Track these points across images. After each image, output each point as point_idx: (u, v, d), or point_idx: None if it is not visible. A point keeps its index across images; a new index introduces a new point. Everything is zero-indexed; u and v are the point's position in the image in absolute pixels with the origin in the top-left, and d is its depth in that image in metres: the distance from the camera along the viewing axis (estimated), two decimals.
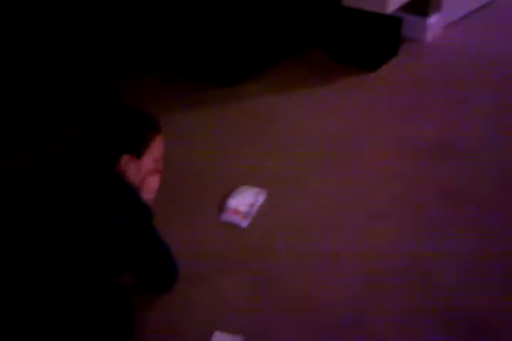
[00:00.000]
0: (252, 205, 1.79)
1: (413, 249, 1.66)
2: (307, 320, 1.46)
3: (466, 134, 2.11)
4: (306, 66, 2.55)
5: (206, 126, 2.20)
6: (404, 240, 1.69)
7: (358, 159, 2.01)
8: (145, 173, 1.44)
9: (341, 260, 1.63)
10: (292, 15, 2.51)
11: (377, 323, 1.45)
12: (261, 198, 1.83)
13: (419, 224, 1.74)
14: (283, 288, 1.55)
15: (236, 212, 1.77)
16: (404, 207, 1.81)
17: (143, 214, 1.39)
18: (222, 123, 2.22)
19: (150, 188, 1.46)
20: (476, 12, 2.93)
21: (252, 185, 1.88)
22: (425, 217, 1.76)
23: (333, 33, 2.58)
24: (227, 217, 1.77)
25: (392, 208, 1.80)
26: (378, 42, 2.51)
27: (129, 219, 1.33)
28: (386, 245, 1.67)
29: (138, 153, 1.42)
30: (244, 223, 1.75)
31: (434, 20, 2.69)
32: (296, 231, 1.73)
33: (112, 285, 1.37)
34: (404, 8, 2.56)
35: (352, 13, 2.49)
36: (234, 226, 1.75)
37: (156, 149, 1.48)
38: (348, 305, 1.50)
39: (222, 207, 1.81)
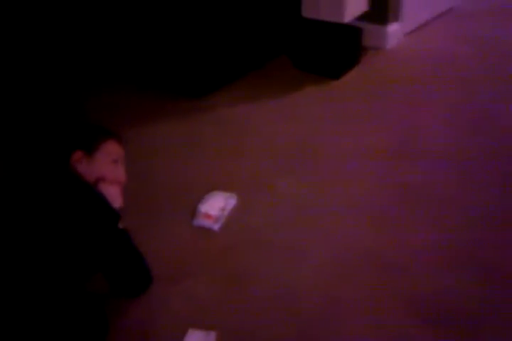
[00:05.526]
0: (223, 209, 1.85)
1: (377, 243, 1.71)
2: (279, 314, 1.50)
3: (426, 137, 2.18)
4: (272, 76, 2.64)
5: (175, 136, 2.27)
6: (368, 235, 1.74)
7: (323, 162, 2.08)
8: (98, 172, 1.51)
9: (311, 256, 1.68)
10: (257, 26, 2.60)
11: (351, 313, 1.50)
12: (232, 202, 1.88)
13: (381, 220, 1.80)
14: (255, 285, 1.59)
15: (207, 216, 1.82)
16: (367, 204, 1.87)
17: (100, 208, 1.42)
18: (190, 133, 2.28)
19: (109, 195, 1.49)
20: (434, 20, 3.06)
21: (222, 190, 1.94)
22: (387, 213, 1.82)
23: (298, 43, 2.67)
24: (199, 221, 1.82)
25: (356, 206, 1.86)
26: (340, 52, 2.60)
27: (90, 212, 1.37)
28: (352, 240, 1.73)
29: (89, 150, 1.51)
30: (216, 226, 1.80)
31: (393, 28, 2.80)
32: (266, 231, 1.78)
33: (84, 290, 1.39)
34: (364, 17, 2.68)
35: (315, 23, 2.59)
36: (206, 230, 1.80)
37: (110, 150, 1.56)
38: (319, 298, 1.55)
39: (194, 212, 1.86)
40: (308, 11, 2.56)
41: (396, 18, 2.79)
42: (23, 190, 1.38)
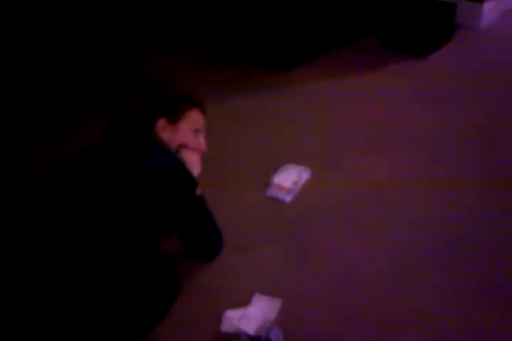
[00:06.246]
0: (296, 182, 1.87)
1: (452, 225, 1.68)
2: (343, 286, 1.53)
3: None
4: (358, 53, 2.60)
5: (256, 108, 2.30)
6: (444, 216, 1.71)
7: (401, 141, 2.05)
8: (181, 140, 1.56)
9: (380, 233, 1.68)
10: (347, 2, 2.56)
11: (415, 293, 1.49)
12: (305, 176, 1.91)
13: (460, 203, 1.76)
14: (321, 257, 1.62)
15: (280, 188, 1.85)
16: (445, 188, 1.82)
17: (180, 174, 1.47)
18: (271, 106, 2.31)
19: (189, 162, 1.54)
20: None
21: (297, 163, 1.96)
22: (465, 196, 1.78)
23: (387, 19, 2.60)
24: (272, 192, 1.85)
25: (434, 188, 1.82)
26: (431, 29, 2.51)
27: (172, 178, 1.43)
28: (426, 221, 1.71)
29: (173, 118, 1.55)
30: (288, 198, 1.83)
31: (489, 6, 2.66)
32: (337, 206, 1.79)
33: (157, 252, 1.47)
34: None
35: None
36: (278, 201, 1.83)
37: (194, 119, 1.60)
38: (387, 276, 1.55)
39: (268, 183, 1.90)
40: None
41: None
42: (108, 152, 1.45)
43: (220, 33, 2.68)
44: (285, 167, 1.93)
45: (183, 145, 1.58)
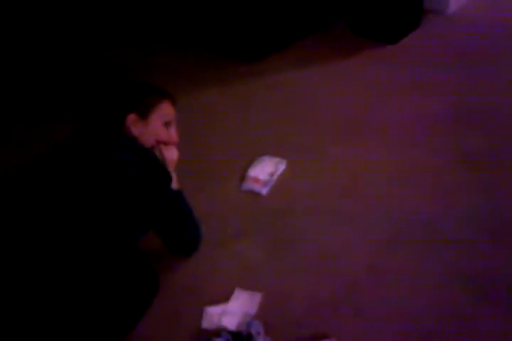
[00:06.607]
0: (272, 174, 1.87)
1: (429, 212, 1.70)
2: (323, 278, 1.53)
3: (486, 106, 2.10)
4: (328, 41, 2.59)
5: (229, 100, 2.28)
6: (420, 204, 1.73)
7: (377, 128, 2.05)
8: (154, 134, 1.53)
9: (359, 223, 1.68)
10: None
11: (393, 283, 1.51)
12: (281, 167, 1.90)
13: (437, 189, 1.77)
14: (300, 249, 1.62)
15: (256, 180, 1.85)
16: (423, 172, 1.84)
17: (154, 168, 1.45)
18: (244, 97, 2.29)
19: (168, 158, 1.52)
20: None
21: (272, 155, 1.95)
22: (443, 182, 1.80)
23: (356, 6, 2.59)
24: (248, 185, 1.84)
25: (411, 174, 1.84)
26: (400, 15, 2.51)
27: (145, 172, 1.40)
28: (403, 209, 1.72)
29: (144, 112, 1.51)
30: (264, 191, 1.82)
31: None
32: (315, 197, 1.79)
33: (135, 250, 1.44)
34: None
35: None
36: (254, 194, 1.82)
37: (164, 112, 1.56)
38: (364, 265, 1.56)
39: (243, 176, 1.89)
40: None
41: None
42: (81, 151, 1.42)
43: (187, 23, 2.64)
44: (261, 159, 1.93)
45: (161, 142, 1.56)
